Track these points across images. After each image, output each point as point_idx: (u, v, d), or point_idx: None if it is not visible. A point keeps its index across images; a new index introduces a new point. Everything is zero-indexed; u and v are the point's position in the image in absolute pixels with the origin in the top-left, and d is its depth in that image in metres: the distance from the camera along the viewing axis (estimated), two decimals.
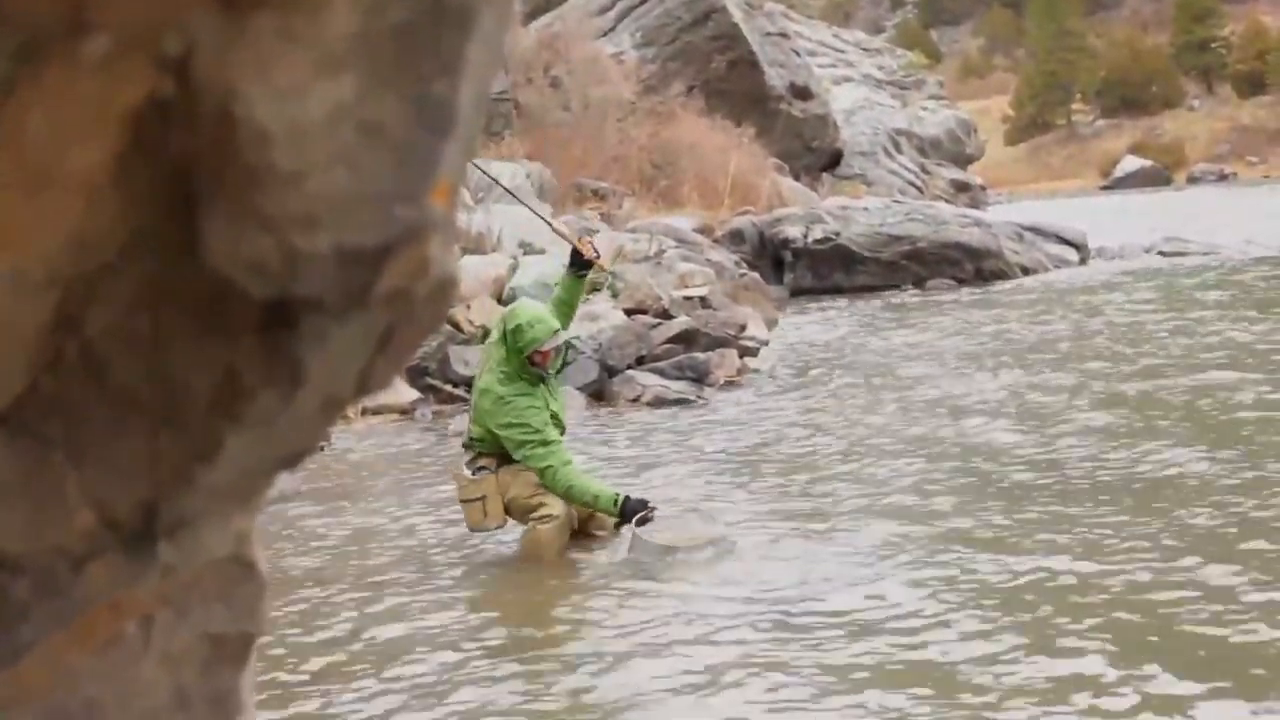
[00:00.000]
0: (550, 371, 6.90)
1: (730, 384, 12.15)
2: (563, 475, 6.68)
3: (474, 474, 6.81)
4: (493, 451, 6.82)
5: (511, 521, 6.87)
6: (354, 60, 0.70)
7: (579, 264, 7.06)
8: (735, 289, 16.57)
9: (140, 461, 0.80)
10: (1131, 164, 77.74)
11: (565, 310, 7.07)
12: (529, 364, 6.75)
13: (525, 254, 14.67)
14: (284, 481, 7.72)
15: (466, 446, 6.96)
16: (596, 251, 7.18)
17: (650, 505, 6.73)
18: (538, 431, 6.70)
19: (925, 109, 41.58)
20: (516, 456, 6.74)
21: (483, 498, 6.75)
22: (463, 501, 6.85)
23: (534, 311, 6.90)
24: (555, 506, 6.71)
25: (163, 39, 0.71)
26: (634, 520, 6.61)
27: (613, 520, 6.84)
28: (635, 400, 11.44)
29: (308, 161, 0.70)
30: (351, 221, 0.71)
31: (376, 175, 0.71)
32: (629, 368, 11.95)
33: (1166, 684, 4.53)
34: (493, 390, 6.75)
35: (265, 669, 5.14)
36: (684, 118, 24.89)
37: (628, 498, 6.74)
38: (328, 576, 6.60)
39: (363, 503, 8.23)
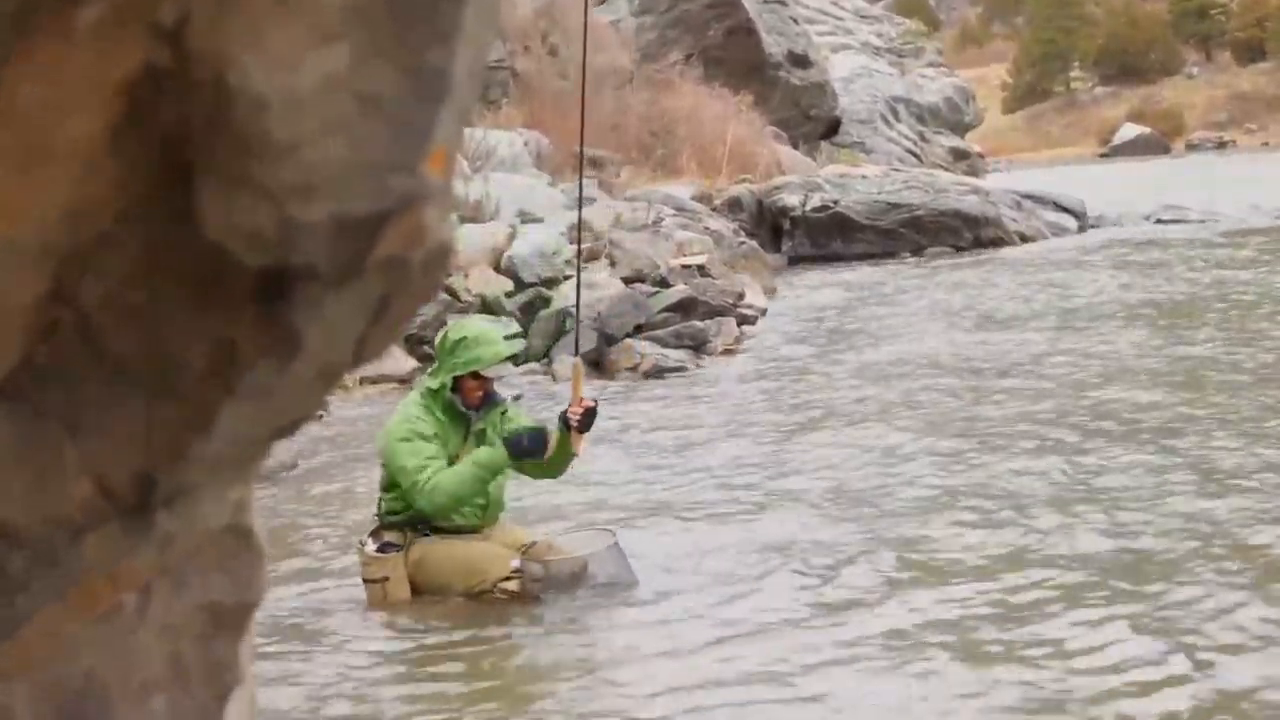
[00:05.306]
0: (482, 414, 5.76)
1: (729, 352, 12.16)
2: (435, 482, 5.55)
3: (379, 549, 5.75)
4: (403, 524, 5.76)
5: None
6: (349, 29, 0.70)
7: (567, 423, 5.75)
8: (733, 257, 16.55)
9: (137, 432, 0.80)
10: (1130, 131, 77.36)
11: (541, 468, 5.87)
12: (455, 390, 5.70)
13: (523, 222, 14.63)
14: (281, 450, 7.73)
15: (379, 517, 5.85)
16: (580, 420, 5.73)
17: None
18: (420, 469, 5.55)
19: (924, 77, 41.33)
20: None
21: (385, 579, 5.69)
22: (364, 580, 5.79)
23: (484, 327, 6.00)
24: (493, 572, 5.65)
25: (157, 8, 0.71)
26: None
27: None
28: (633, 369, 11.45)
29: (303, 130, 0.70)
30: (346, 190, 0.71)
31: (371, 144, 0.71)
32: (627, 336, 11.96)
33: None
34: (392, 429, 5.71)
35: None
36: (682, 86, 24.77)
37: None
38: (321, 546, 6.61)
39: (359, 471, 8.23)
